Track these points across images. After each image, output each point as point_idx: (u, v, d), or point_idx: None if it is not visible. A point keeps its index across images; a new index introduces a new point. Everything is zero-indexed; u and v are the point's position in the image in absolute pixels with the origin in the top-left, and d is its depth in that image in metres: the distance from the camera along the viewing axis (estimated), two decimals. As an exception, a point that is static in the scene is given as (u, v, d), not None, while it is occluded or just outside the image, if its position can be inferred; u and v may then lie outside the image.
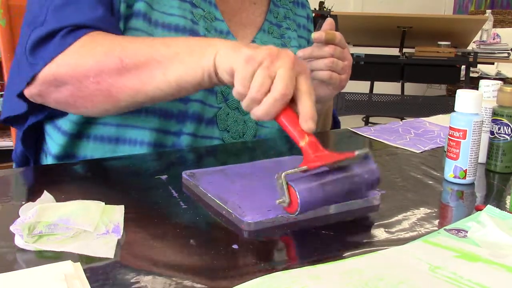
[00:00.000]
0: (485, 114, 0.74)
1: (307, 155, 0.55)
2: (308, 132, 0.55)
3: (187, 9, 0.81)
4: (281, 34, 0.95)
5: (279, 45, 0.92)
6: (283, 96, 0.55)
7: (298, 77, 0.58)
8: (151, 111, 0.77)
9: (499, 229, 0.50)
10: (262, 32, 0.92)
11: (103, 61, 0.66)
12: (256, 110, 0.57)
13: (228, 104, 0.84)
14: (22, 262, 0.44)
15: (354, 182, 0.54)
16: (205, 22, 0.83)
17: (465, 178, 0.66)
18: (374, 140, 0.87)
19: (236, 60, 0.58)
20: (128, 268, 0.43)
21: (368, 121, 3.59)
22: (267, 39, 0.92)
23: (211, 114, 0.82)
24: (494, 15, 3.97)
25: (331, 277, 0.41)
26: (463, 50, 2.94)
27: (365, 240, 0.50)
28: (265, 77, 0.56)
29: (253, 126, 0.88)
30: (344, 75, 0.84)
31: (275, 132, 0.91)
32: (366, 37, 3.00)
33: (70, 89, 0.68)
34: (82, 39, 0.68)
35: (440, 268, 0.43)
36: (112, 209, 0.52)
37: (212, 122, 0.83)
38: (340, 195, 0.54)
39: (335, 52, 0.81)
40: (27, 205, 0.50)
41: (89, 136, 0.79)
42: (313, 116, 0.56)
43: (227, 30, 0.85)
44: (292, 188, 0.52)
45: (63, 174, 0.68)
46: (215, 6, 0.85)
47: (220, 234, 0.51)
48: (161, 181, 0.64)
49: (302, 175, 0.53)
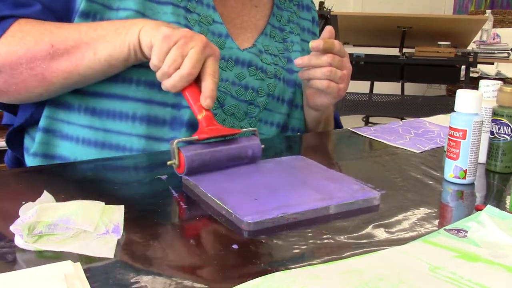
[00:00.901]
0: (485, 114, 0.74)
1: (202, 127, 0.66)
2: (206, 108, 0.67)
3: (181, 15, 0.80)
4: (283, 38, 0.94)
5: (281, 49, 0.92)
6: (189, 74, 0.66)
7: (207, 59, 0.67)
8: (139, 118, 0.76)
9: (499, 229, 0.50)
10: (264, 36, 0.91)
11: (34, 48, 0.70)
12: (166, 82, 0.67)
13: (224, 110, 0.83)
14: (22, 262, 0.44)
15: (237, 151, 0.66)
16: (200, 27, 0.82)
17: (465, 178, 0.66)
18: (374, 140, 0.87)
19: (155, 36, 0.67)
20: (128, 268, 0.43)
21: (368, 121, 3.59)
22: (268, 43, 0.91)
23: None
24: (494, 15, 3.97)
25: (331, 277, 0.41)
26: (463, 50, 2.94)
27: (365, 240, 0.50)
28: (177, 55, 0.65)
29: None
30: (342, 84, 0.84)
31: (270, 139, 0.89)
32: (366, 37, 3.00)
33: (3, 77, 0.72)
34: (11, 29, 0.71)
35: (440, 268, 0.43)
36: (112, 209, 0.52)
37: None
38: (222, 161, 0.65)
39: (333, 61, 0.81)
40: (27, 205, 0.50)
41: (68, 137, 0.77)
42: (212, 96, 0.66)
43: (226, 33, 0.85)
44: (181, 153, 0.62)
45: (63, 174, 0.68)
46: (213, 9, 0.85)
47: (220, 234, 0.51)
48: (161, 181, 0.64)
49: (193, 143, 0.65)
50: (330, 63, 0.81)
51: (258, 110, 0.87)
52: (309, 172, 0.67)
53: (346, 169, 0.71)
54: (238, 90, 0.84)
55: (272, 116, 0.89)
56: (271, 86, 0.88)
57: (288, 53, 0.93)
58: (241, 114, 0.85)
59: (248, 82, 0.85)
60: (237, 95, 0.84)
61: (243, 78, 0.85)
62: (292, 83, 0.91)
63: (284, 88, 0.90)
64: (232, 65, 0.84)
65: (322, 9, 3.00)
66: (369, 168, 0.73)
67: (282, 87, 0.90)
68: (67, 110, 0.77)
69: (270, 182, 0.63)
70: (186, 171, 0.63)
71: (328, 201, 0.56)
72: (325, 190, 0.60)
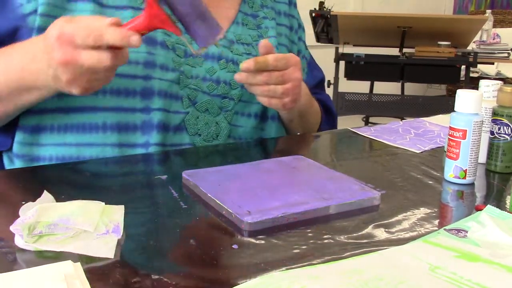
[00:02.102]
0: (485, 114, 0.74)
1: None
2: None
3: None
4: (257, 24, 0.91)
5: (255, 36, 0.89)
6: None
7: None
8: (110, 127, 0.76)
9: (499, 229, 0.50)
10: (236, 25, 0.88)
11: None
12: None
13: (196, 108, 0.81)
14: (22, 262, 0.44)
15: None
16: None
17: (465, 178, 0.66)
18: (374, 140, 0.87)
19: (57, 70, 0.63)
20: (128, 268, 0.43)
21: (368, 121, 3.58)
22: (241, 31, 0.89)
23: (177, 120, 0.80)
24: (494, 15, 3.97)
25: (330, 277, 0.41)
26: (463, 50, 2.93)
27: (365, 240, 0.50)
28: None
29: (226, 126, 0.85)
30: (286, 98, 0.79)
31: (249, 131, 0.88)
32: (366, 37, 3.00)
33: None
34: None
35: (440, 268, 0.43)
36: (112, 209, 0.52)
37: (180, 129, 0.81)
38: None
39: (270, 79, 0.77)
40: (27, 205, 0.50)
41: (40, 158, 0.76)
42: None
43: None
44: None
45: (63, 174, 0.68)
46: None
47: (220, 234, 0.51)
48: (161, 181, 0.64)
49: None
50: (266, 82, 0.77)
51: (233, 103, 0.85)
52: (309, 172, 0.67)
53: (346, 169, 0.71)
54: (209, 86, 0.82)
55: (248, 107, 0.87)
56: None
57: (262, 39, 0.89)
58: (215, 110, 0.83)
59: (220, 76, 0.83)
60: (209, 91, 0.82)
61: (214, 72, 0.83)
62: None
63: None
64: (202, 60, 0.82)
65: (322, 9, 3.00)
66: (369, 168, 0.73)
67: None
68: (39, 133, 0.76)
69: (270, 182, 0.63)
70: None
71: (328, 201, 0.56)
72: (325, 190, 0.60)
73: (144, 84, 0.77)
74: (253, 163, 0.70)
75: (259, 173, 0.66)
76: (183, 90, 0.80)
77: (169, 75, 0.78)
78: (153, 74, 0.77)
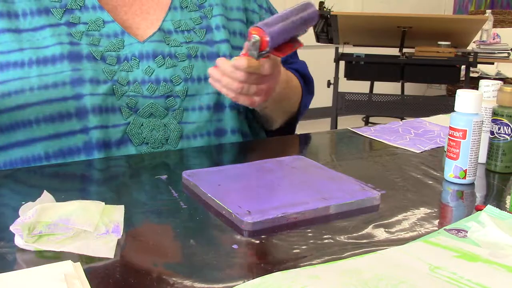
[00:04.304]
0: (485, 114, 0.74)
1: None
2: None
3: (63, 33, 0.74)
4: (199, 4, 0.84)
5: (198, 18, 0.83)
6: None
7: None
8: (53, 156, 0.73)
9: (499, 229, 0.50)
10: (173, 11, 0.82)
11: None
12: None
13: (139, 115, 0.77)
14: (22, 262, 0.44)
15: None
16: (88, 37, 0.76)
17: (465, 178, 0.66)
18: (374, 140, 0.87)
19: None
20: (128, 268, 0.43)
21: (368, 121, 3.59)
22: (181, 16, 0.82)
23: (118, 134, 0.76)
24: (494, 15, 3.97)
25: (330, 277, 0.41)
26: (463, 50, 2.93)
27: (365, 240, 0.50)
28: None
29: (175, 127, 0.79)
30: (257, 97, 0.74)
31: (204, 125, 0.81)
32: (366, 37, 3.00)
33: None
34: None
35: (440, 268, 0.43)
36: (112, 209, 0.52)
37: (123, 142, 0.76)
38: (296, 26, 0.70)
39: (248, 79, 0.70)
40: (27, 205, 0.50)
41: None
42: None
43: (120, 29, 0.78)
44: (259, 28, 0.67)
45: (63, 174, 0.68)
46: (100, 9, 0.78)
47: (220, 234, 0.51)
48: (161, 181, 0.64)
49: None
50: (245, 81, 0.70)
51: (180, 100, 0.79)
52: (309, 172, 0.67)
53: (346, 169, 0.71)
54: (149, 88, 0.77)
55: (198, 101, 0.80)
56: (187, 70, 0.79)
57: (206, 20, 0.84)
58: (160, 112, 0.78)
59: (159, 75, 0.78)
60: (150, 93, 0.77)
61: (152, 72, 0.77)
62: (215, 57, 0.81)
63: (203, 65, 0.81)
64: (137, 62, 0.77)
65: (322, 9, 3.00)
66: (369, 168, 0.73)
67: (202, 65, 0.80)
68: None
69: (270, 182, 0.63)
70: (270, 42, 0.67)
71: (328, 201, 0.56)
72: (325, 190, 0.60)
73: (76, 104, 0.73)
74: (253, 163, 0.70)
75: (259, 173, 0.66)
76: (120, 100, 0.76)
77: (101, 89, 0.74)
78: (83, 91, 0.73)
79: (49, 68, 0.73)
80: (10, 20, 0.74)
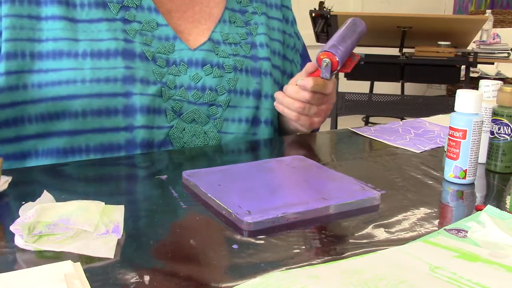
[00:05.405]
0: (485, 114, 0.74)
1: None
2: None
3: (118, 29, 0.75)
4: (246, 21, 0.87)
5: (244, 34, 0.86)
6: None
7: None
8: (93, 150, 0.74)
9: (499, 229, 0.50)
10: (222, 24, 0.84)
11: None
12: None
13: (182, 119, 0.78)
14: (22, 262, 0.44)
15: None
16: (142, 36, 0.77)
17: (465, 178, 0.66)
18: (374, 140, 0.87)
19: None
20: (128, 268, 0.43)
21: (368, 121, 3.59)
22: (229, 30, 0.84)
23: (161, 136, 0.77)
24: (494, 15, 3.97)
25: (330, 277, 0.41)
26: (463, 50, 2.93)
27: (365, 240, 0.50)
28: None
29: (215, 136, 0.82)
30: (317, 118, 0.79)
31: (241, 137, 0.84)
32: (366, 37, 2.98)
33: None
34: None
35: (440, 268, 0.43)
36: (112, 209, 0.52)
37: (165, 144, 0.78)
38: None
39: (312, 99, 0.77)
40: (27, 205, 0.50)
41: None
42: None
43: (173, 34, 0.80)
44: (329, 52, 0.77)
45: (63, 174, 0.68)
46: (156, 11, 0.79)
47: (220, 234, 0.51)
48: (161, 181, 0.64)
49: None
50: (309, 101, 0.77)
51: (221, 110, 0.82)
52: (309, 172, 0.67)
53: (346, 169, 0.71)
54: (194, 94, 0.79)
55: (238, 113, 0.83)
56: (231, 81, 0.82)
57: (251, 37, 0.87)
58: (202, 119, 0.80)
59: (205, 83, 0.80)
60: (195, 100, 0.80)
61: (199, 79, 0.80)
62: (257, 72, 0.85)
63: (247, 79, 0.84)
64: (186, 68, 0.79)
65: (322, 9, 3.00)
66: (369, 168, 0.73)
67: (245, 79, 0.84)
68: (23, 160, 0.75)
69: (270, 182, 0.63)
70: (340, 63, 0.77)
71: (328, 201, 0.56)
72: (325, 190, 0.60)
73: (125, 101, 0.74)
74: (253, 163, 0.70)
75: (259, 173, 0.66)
76: (167, 102, 0.77)
77: (150, 89, 0.75)
78: (133, 90, 0.74)
79: (102, 62, 0.73)
80: (68, 8, 0.74)
